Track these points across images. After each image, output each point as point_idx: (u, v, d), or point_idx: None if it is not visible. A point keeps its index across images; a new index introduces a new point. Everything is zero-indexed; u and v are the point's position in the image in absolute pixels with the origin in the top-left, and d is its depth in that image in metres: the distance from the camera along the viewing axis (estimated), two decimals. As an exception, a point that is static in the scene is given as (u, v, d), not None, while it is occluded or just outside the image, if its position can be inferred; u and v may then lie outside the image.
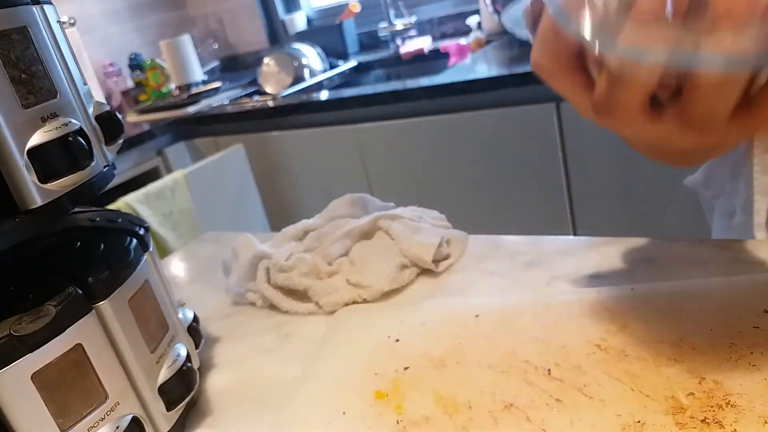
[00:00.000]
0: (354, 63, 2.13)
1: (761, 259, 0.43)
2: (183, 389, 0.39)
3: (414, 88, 1.53)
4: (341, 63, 2.12)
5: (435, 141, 1.57)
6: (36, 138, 0.31)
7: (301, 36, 2.30)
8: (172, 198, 1.62)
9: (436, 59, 1.97)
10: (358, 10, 2.22)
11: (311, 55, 2.05)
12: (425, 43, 2.03)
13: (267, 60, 2.04)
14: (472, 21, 1.97)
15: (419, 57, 2.02)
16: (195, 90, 2.16)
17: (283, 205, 1.96)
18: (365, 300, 0.50)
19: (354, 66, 2.13)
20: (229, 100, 2.01)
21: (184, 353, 0.40)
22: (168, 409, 0.38)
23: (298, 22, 2.43)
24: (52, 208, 0.32)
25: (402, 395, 0.36)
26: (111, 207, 1.05)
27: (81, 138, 0.33)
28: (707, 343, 0.34)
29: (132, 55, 2.36)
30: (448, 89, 1.47)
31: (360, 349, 0.42)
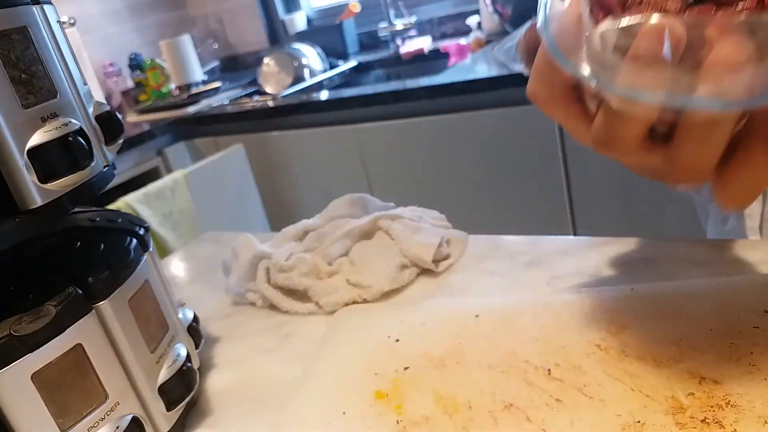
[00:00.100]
0: (354, 63, 2.13)
1: (761, 259, 0.43)
2: (183, 389, 0.39)
3: (414, 88, 1.53)
4: (341, 63, 2.13)
5: (435, 141, 1.57)
6: (36, 138, 0.31)
7: (301, 36, 2.30)
8: (172, 198, 1.62)
9: (436, 59, 1.97)
10: (358, 10, 2.22)
11: (311, 55, 2.06)
12: (425, 43, 2.04)
13: (267, 60, 2.04)
14: (472, 21, 1.97)
15: (419, 57, 2.02)
16: (195, 90, 2.16)
17: (283, 205, 1.96)
18: (365, 300, 0.50)
19: (354, 66, 2.13)
20: (229, 100, 2.01)
21: (184, 353, 0.40)
22: (168, 409, 0.38)
23: (298, 22, 2.43)
24: (52, 208, 0.32)
25: (402, 395, 0.36)
26: (111, 207, 1.05)
27: (81, 138, 0.33)
28: (707, 343, 0.34)
29: (132, 55, 2.36)
30: (448, 89, 1.47)
31: (360, 349, 0.42)
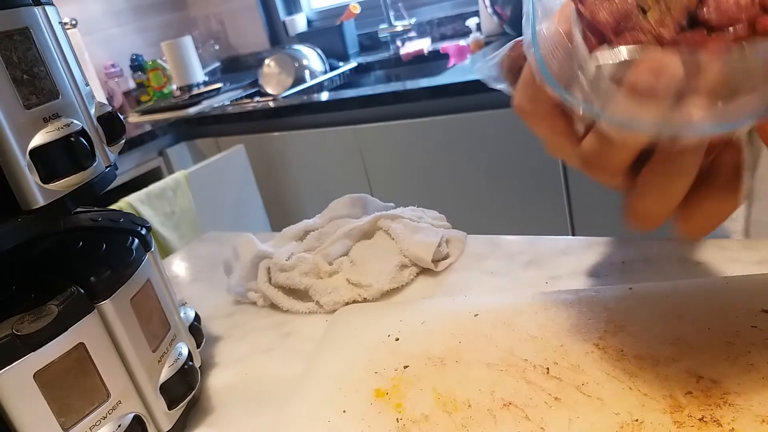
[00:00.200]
0: (354, 64, 2.14)
1: (759, 259, 0.43)
2: (184, 388, 0.39)
3: (414, 89, 1.53)
4: (341, 64, 2.13)
5: (435, 141, 1.57)
6: (38, 138, 0.31)
7: (302, 37, 2.30)
8: (173, 198, 1.62)
9: (435, 60, 1.97)
10: (358, 11, 2.22)
11: (312, 56, 2.06)
12: (425, 45, 2.04)
13: (268, 61, 2.04)
14: (471, 22, 1.97)
15: (419, 58, 2.02)
16: (196, 91, 2.16)
17: (284, 205, 1.96)
18: (365, 299, 0.50)
19: (354, 67, 2.13)
20: (230, 100, 2.01)
21: (185, 352, 0.41)
22: (169, 408, 0.38)
23: (298, 23, 2.43)
24: (54, 208, 0.32)
25: (402, 394, 0.36)
26: (113, 207, 1.05)
27: (83, 138, 0.33)
28: (705, 343, 0.34)
29: (133, 56, 2.36)
30: (447, 90, 1.48)
31: (360, 348, 0.42)
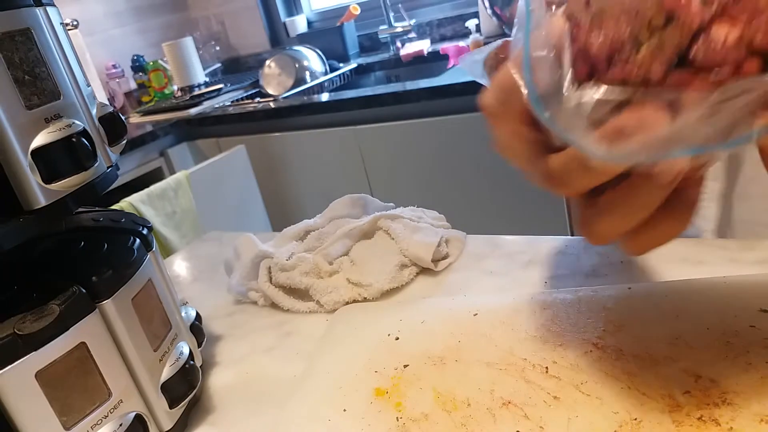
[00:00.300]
0: (354, 65, 2.14)
1: (757, 259, 0.44)
2: (185, 387, 0.39)
3: (414, 89, 1.54)
4: (342, 65, 2.13)
5: (434, 142, 1.58)
6: (40, 139, 0.31)
7: (302, 38, 2.31)
8: (174, 198, 1.62)
9: (435, 61, 1.97)
10: (358, 12, 2.22)
11: (312, 57, 2.06)
12: (424, 46, 2.04)
13: (268, 62, 2.05)
14: (470, 23, 1.97)
15: (419, 59, 2.03)
16: (197, 91, 2.17)
17: (285, 206, 1.96)
18: (365, 299, 0.50)
19: (354, 68, 2.13)
20: (231, 101, 2.02)
21: (186, 351, 0.41)
22: (171, 407, 0.38)
23: (299, 24, 2.44)
24: (55, 208, 0.32)
25: (402, 393, 0.36)
26: (114, 207, 1.05)
27: (84, 139, 0.33)
28: (704, 342, 0.34)
29: (135, 57, 2.37)
30: (447, 91, 1.48)
31: (360, 347, 0.42)
